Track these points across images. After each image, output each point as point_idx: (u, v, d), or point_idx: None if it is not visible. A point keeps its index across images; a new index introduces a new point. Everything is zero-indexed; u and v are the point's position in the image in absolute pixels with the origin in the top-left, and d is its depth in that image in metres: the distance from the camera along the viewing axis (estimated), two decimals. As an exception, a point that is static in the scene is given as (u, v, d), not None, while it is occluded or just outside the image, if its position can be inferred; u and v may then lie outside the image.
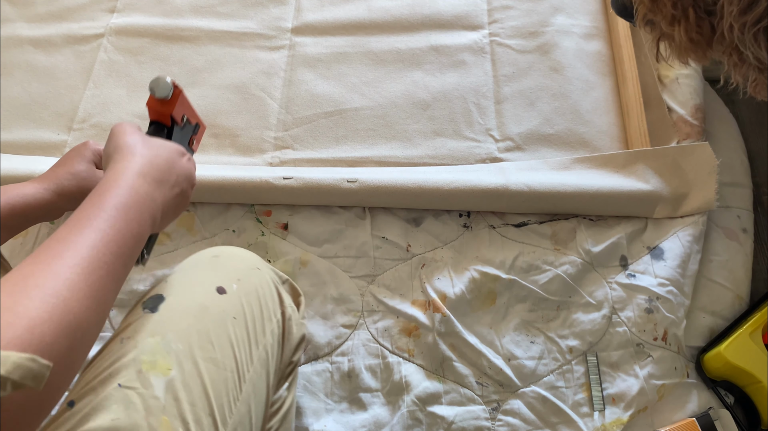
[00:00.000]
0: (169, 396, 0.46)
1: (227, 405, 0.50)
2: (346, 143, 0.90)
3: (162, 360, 0.48)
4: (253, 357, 0.54)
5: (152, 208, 0.48)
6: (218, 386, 0.50)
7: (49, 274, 0.38)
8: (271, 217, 0.84)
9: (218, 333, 0.52)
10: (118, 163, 0.49)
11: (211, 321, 0.52)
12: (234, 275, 0.57)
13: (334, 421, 0.74)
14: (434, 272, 0.80)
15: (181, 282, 0.55)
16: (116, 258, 0.42)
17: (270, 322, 0.58)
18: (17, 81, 0.97)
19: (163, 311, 0.51)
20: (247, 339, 0.54)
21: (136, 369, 0.47)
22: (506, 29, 0.99)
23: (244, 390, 0.53)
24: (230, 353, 0.52)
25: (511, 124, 0.91)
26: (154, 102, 0.59)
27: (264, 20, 1.01)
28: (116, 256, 0.42)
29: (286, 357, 0.62)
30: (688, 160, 0.83)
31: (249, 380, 0.54)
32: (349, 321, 0.79)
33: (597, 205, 0.82)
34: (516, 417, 0.73)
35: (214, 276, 0.56)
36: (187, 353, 0.49)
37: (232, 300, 0.55)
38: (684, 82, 0.88)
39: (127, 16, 1.03)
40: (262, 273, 0.60)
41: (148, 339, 0.49)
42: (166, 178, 0.51)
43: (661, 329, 0.77)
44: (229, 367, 0.51)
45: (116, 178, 0.47)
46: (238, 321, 0.54)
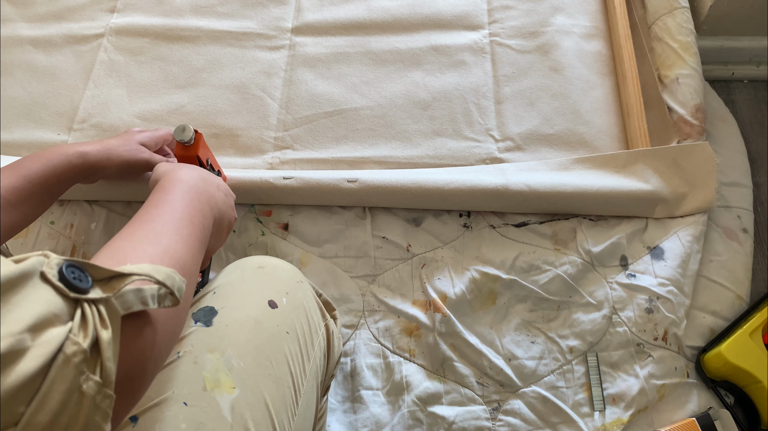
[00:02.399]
0: (235, 416, 0.47)
1: (287, 421, 0.51)
2: (346, 143, 0.90)
3: (225, 378, 0.48)
4: (306, 372, 0.55)
5: (207, 197, 0.56)
6: (278, 403, 0.51)
7: (150, 230, 0.45)
8: (272, 217, 0.84)
9: (274, 348, 0.52)
10: (167, 175, 0.56)
11: (266, 336, 0.53)
12: (282, 288, 0.58)
13: (336, 421, 0.74)
14: (434, 272, 0.80)
15: (230, 294, 0.55)
16: (190, 222, 0.50)
17: (317, 335, 0.59)
18: (17, 81, 0.97)
19: (217, 325, 0.52)
20: (299, 354, 0.55)
21: (200, 386, 0.47)
22: (506, 29, 0.99)
23: (300, 405, 0.54)
24: (286, 369, 0.52)
25: (511, 123, 0.91)
26: (181, 148, 0.68)
27: (264, 20, 1.01)
28: (190, 221, 0.50)
29: (331, 369, 0.63)
30: (688, 160, 0.83)
31: (303, 395, 0.54)
32: (350, 321, 0.79)
33: (597, 205, 0.82)
34: (516, 417, 0.74)
35: (263, 289, 0.57)
36: (247, 370, 0.50)
37: (284, 315, 0.55)
38: (684, 82, 0.88)
39: (127, 16, 1.02)
40: (304, 286, 0.61)
41: (208, 355, 0.49)
42: (208, 180, 0.59)
43: (662, 329, 0.77)
44: (287, 383, 0.52)
45: (171, 179, 0.55)
46: (290, 336, 0.54)
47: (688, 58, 0.89)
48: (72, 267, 0.33)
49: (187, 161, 0.69)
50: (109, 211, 0.85)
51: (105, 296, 0.33)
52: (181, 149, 0.68)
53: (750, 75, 1.08)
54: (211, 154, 0.75)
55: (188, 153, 0.68)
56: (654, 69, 0.92)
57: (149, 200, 0.51)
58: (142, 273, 0.36)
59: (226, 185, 0.65)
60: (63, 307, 0.31)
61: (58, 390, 0.29)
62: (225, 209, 0.60)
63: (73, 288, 0.32)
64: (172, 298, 0.38)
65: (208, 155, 0.74)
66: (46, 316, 0.30)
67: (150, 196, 0.52)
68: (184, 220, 0.49)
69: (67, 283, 0.31)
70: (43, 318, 0.30)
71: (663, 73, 0.91)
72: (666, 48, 0.91)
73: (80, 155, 0.64)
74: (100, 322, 0.32)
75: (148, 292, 0.36)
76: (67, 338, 0.30)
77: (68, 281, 0.31)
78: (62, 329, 0.30)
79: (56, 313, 0.30)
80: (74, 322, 0.31)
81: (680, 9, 0.93)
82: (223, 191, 0.62)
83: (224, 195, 0.62)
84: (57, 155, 0.63)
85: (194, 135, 0.68)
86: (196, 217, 0.51)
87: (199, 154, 0.69)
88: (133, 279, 0.35)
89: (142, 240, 0.43)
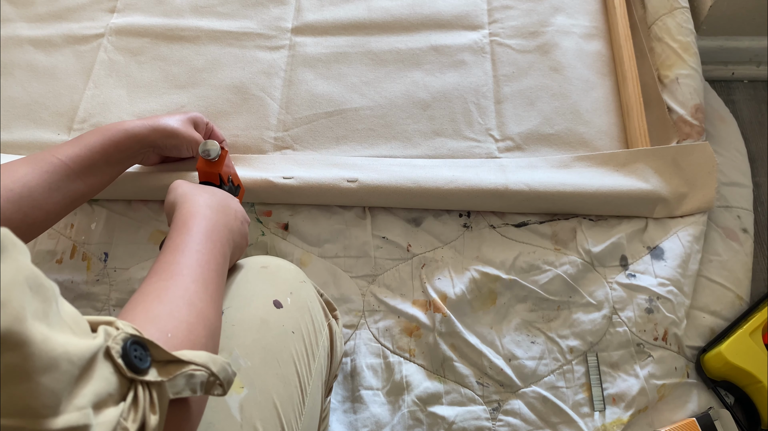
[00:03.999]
0: (244, 415, 0.47)
1: (294, 421, 0.51)
2: (346, 143, 0.90)
3: None
4: (312, 371, 0.55)
5: (227, 233, 0.56)
6: (286, 403, 0.51)
7: (178, 288, 0.44)
8: (272, 217, 0.84)
9: (280, 348, 0.53)
10: (186, 203, 0.56)
11: (272, 336, 0.53)
12: (286, 288, 0.58)
13: (336, 421, 0.74)
14: (434, 272, 0.80)
15: (234, 294, 0.56)
16: (216, 273, 0.49)
17: (321, 335, 0.59)
18: (17, 81, 0.96)
19: (223, 325, 0.52)
20: (305, 354, 0.55)
21: None
22: (506, 29, 0.99)
23: (307, 405, 0.54)
24: (293, 369, 0.53)
25: (511, 123, 0.91)
26: (204, 164, 0.68)
27: (264, 20, 1.01)
28: (215, 272, 0.49)
29: (334, 369, 0.64)
30: (687, 160, 0.83)
31: (309, 394, 0.55)
32: (350, 321, 0.79)
33: (597, 204, 0.82)
34: (516, 417, 0.74)
35: (267, 289, 0.57)
36: (255, 370, 0.50)
37: (289, 314, 0.55)
38: (684, 82, 0.88)
39: (127, 16, 1.02)
40: (308, 285, 0.61)
41: None
42: (227, 209, 0.59)
43: (662, 329, 0.77)
44: (293, 383, 0.52)
45: (191, 212, 0.54)
46: (296, 335, 0.55)
47: (688, 58, 0.89)
48: (136, 345, 0.33)
49: (209, 177, 0.70)
50: (110, 211, 0.85)
51: (160, 380, 0.33)
52: (205, 165, 0.69)
53: (750, 75, 1.08)
54: (233, 169, 0.76)
55: (211, 170, 0.69)
56: (654, 69, 0.92)
57: (172, 241, 0.50)
58: (200, 363, 0.36)
59: (242, 211, 0.64)
60: (118, 386, 0.31)
61: None
62: (239, 240, 0.60)
63: (132, 368, 0.31)
64: (221, 389, 0.38)
65: (230, 172, 0.74)
66: (104, 395, 0.30)
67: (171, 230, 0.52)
68: (210, 272, 0.48)
69: (127, 362, 0.31)
70: (103, 397, 0.29)
71: (663, 73, 0.91)
72: (666, 48, 0.91)
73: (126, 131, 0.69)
74: (150, 406, 0.32)
75: (198, 379, 0.36)
76: (118, 422, 0.30)
77: (129, 359, 0.31)
78: (116, 410, 0.30)
79: (111, 393, 0.30)
80: (126, 404, 0.31)
81: (680, 9, 0.93)
82: (240, 219, 0.62)
83: (240, 223, 0.61)
84: (112, 129, 0.68)
85: (219, 152, 0.68)
86: (219, 263, 0.51)
87: (221, 173, 0.70)
88: (190, 368, 0.35)
89: (177, 303, 0.43)
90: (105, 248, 0.83)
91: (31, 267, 0.28)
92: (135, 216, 0.85)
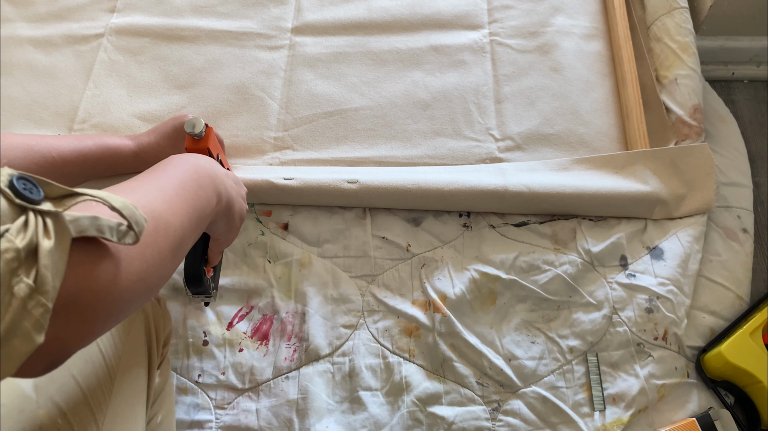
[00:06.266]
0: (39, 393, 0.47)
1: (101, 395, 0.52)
2: (346, 143, 0.90)
3: None
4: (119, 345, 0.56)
5: (213, 177, 0.55)
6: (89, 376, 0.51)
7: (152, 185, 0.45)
8: (272, 217, 0.84)
9: None
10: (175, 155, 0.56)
11: None
12: None
13: (335, 422, 0.74)
14: (434, 272, 0.80)
15: None
16: (183, 190, 0.49)
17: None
18: (17, 81, 0.96)
19: None
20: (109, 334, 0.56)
21: None
22: (506, 29, 0.99)
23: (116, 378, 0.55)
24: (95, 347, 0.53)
25: (511, 123, 0.91)
26: (191, 141, 0.69)
27: (264, 20, 1.01)
28: (183, 189, 0.49)
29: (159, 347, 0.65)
30: (686, 161, 0.83)
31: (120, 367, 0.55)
32: (349, 322, 0.79)
33: (596, 206, 0.82)
34: (516, 418, 0.73)
35: None
36: None
37: None
38: (683, 82, 0.88)
39: (127, 16, 1.02)
40: None
41: None
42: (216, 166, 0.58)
43: (662, 329, 0.77)
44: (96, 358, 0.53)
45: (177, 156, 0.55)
46: None
47: (687, 59, 0.89)
48: (24, 180, 0.32)
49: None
50: (109, 211, 0.85)
51: (54, 210, 0.33)
52: (192, 143, 0.69)
53: (750, 75, 1.08)
54: (221, 151, 0.76)
55: (199, 146, 0.69)
56: (652, 69, 0.92)
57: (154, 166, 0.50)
58: (96, 196, 0.36)
59: (236, 176, 0.65)
60: (8, 213, 0.30)
61: None
62: (234, 194, 0.59)
63: (20, 197, 0.31)
64: (132, 235, 0.37)
65: (219, 151, 0.74)
66: None
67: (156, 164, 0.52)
68: (173, 183, 0.48)
69: (15, 192, 0.31)
70: None
71: (661, 73, 0.91)
72: (665, 48, 0.91)
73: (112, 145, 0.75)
74: (44, 232, 0.32)
75: (105, 223, 0.35)
76: (2, 235, 0.29)
77: (17, 190, 0.31)
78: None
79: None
80: (14, 225, 0.30)
81: (679, 9, 0.93)
82: (232, 178, 0.61)
83: (233, 182, 0.61)
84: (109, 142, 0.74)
85: (205, 128, 0.69)
86: (189, 185, 0.50)
87: (210, 147, 0.70)
88: (86, 199, 0.35)
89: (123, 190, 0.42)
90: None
91: None
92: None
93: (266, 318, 0.79)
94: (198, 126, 0.68)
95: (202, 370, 0.76)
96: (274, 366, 0.76)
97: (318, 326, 0.78)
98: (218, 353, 0.77)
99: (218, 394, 0.75)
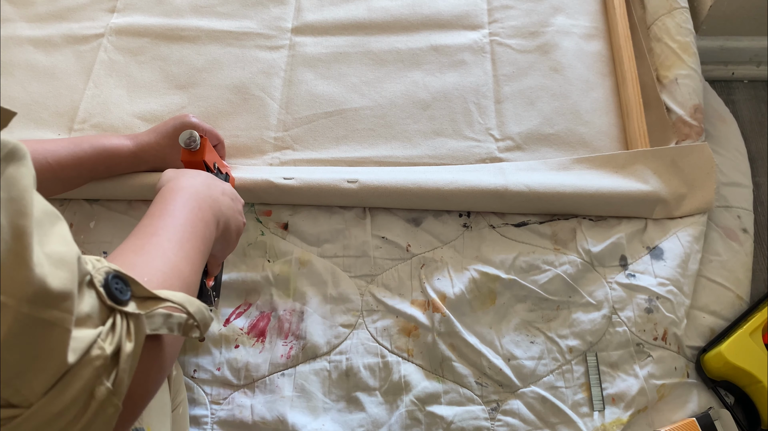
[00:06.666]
0: None
1: None
2: (346, 143, 0.90)
3: None
4: None
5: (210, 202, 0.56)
6: None
7: (153, 245, 0.46)
8: (271, 217, 0.84)
9: None
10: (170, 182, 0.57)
11: None
12: None
13: (331, 420, 0.74)
14: (434, 272, 0.80)
15: None
16: (195, 237, 0.51)
17: None
18: (17, 81, 0.97)
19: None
20: None
21: None
22: (506, 29, 0.99)
23: None
24: None
25: (511, 123, 0.91)
26: (187, 154, 0.70)
27: (264, 20, 1.01)
28: (194, 235, 0.51)
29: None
30: (686, 161, 0.83)
31: None
32: (348, 321, 0.79)
33: (596, 205, 0.82)
34: (515, 418, 0.73)
35: None
36: None
37: None
38: (683, 82, 0.88)
39: (127, 16, 1.03)
40: None
41: None
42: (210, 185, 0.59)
43: (661, 329, 0.77)
44: None
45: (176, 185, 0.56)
46: None
47: (687, 59, 0.89)
48: (117, 279, 0.35)
49: (193, 166, 0.71)
50: (109, 211, 0.85)
51: (138, 312, 0.35)
52: (188, 155, 0.70)
53: (750, 75, 1.08)
54: (218, 157, 0.77)
55: (195, 158, 0.70)
56: (653, 69, 0.92)
57: (151, 210, 0.52)
58: (176, 301, 0.38)
59: (232, 190, 0.65)
60: (98, 312, 0.33)
61: (74, 386, 0.30)
62: (230, 214, 0.61)
63: (112, 298, 0.33)
64: (197, 331, 0.40)
65: (215, 158, 0.75)
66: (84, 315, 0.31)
67: (152, 204, 0.53)
68: (186, 233, 0.50)
69: (108, 292, 0.33)
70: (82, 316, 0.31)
71: (662, 73, 0.91)
72: (665, 48, 0.91)
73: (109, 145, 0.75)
74: (126, 335, 0.34)
75: (176, 320, 0.38)
76: (95, 341, 0.31)
77: (110, 290, 0.33)
78: (93, 332, 0.32)
79: (91, 315, 0.32)
80: (104, 328, 0.32)
81: (679, 9, 0.93)
82: (228, 196, 0.62)
83: (230, 200, 0.62)
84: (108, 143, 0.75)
85: (199, 141, 0.70)
86: (197, 227, 0.52)
87: (205, 159, 0.71)
88: (167, 305, 0.37)
89: (153, 256, 0.45)
90: (104, 247, 0.83)
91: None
92: (135, 215, 0.85)
93: (263, 316, 0.79)
94: (193, 138, 0.69)
95: (197, 365, 0.76)
96: (269, 362, 0.76)
97: (316, 325, 0.78)
98: (214, 349, 0.77)
99: (213, 389, 0.75)
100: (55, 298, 0.29)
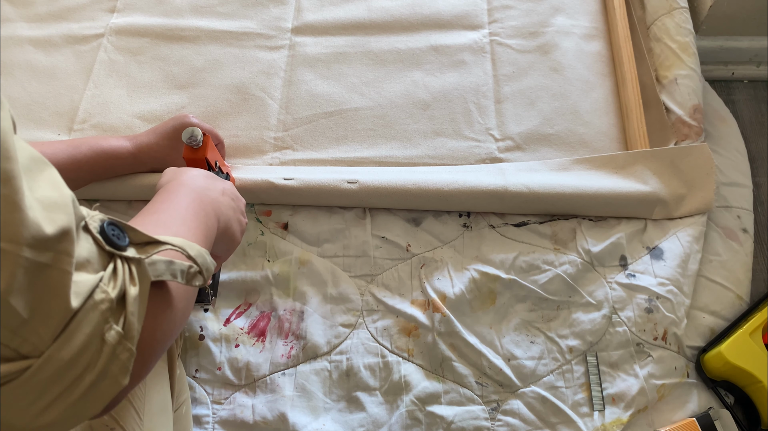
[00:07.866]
0: None
1: None
2: (346, 143, 0.90)
3: None
4: None
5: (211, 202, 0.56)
6: None
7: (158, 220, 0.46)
8: (271, 217, 0.84)
9: None
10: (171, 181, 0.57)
11: None
12: None
13: (332, 420, 0.74)
14: (434, 272, 0.80)
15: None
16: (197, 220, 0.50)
17: None
18: (17, 81, 0.97)
19: None
20: None
21: None
22: (506, 29, 0.99)
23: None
24: None
25: (511, 123, 0.91)
26: (189, 151, 0.70)
27: (264, 20, 1.01)
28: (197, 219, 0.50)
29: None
30: (686, 161, 0.83)
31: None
32: (348, 321, 0.79)
33: (596, 206, 0.82)
34: (515, 417, 0.73)
35: None
36: None
37: None
38: (682, 82, 0.88)
39: (127, 16, 1.03)
40: None
41: None
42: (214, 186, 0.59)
43: (661, 329, 0.77)
44: None
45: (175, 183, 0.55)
46: None
47: (687, 59, 0.89)
48: (113, 226, 0.35)
49: (196, 164, 0.71)
50: (109, 211, 0.85)
51: (138, 257, 0.35)
52: (190, 152, 0.70)
53: (750, 75, 1.08)
54: (219, 157, 0.77)
55: (196, 155, 0.70)
56: (652, 69, 0.92)
57: (153, 200, 0.52)
58: (176, 244, 0.38)
59: (233, 189, 0.64)
60: (97, 257, 0.33)
61: (83, 331, 0.30)
62: (230, 214, 0.60)
63: (110, 243, 0.33)
64: (200, 277, 0.40)
65: (217, 157, 0.75)
66: (83, 259, 0.31)
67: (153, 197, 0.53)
68: (188, 214, 0.50)
69: (105, 238, 0.33)
70: (81, 260, 0.31)
71: (661, 73, 0.91)
72: (665, 48, 0.91)
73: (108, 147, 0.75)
74: (129, 279, 0.34)
75: (178, 267, 0.38)
76: (98, 286, 0.31)
77: (107, 236, 0.33)
78: (94, 276, 0.32)
79: (90, 260, 0.32)
80: (106, 273, 0.32)
81: (679, 9, 0.93)
82: (229, 196, 0.62)
83: (230, 200, 0.61)
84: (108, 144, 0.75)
85: (202, 138, 0.70)
86: (199, 214, 0.52)
87: (208, 157, 0.71)
88: (167, 248, 0.37)
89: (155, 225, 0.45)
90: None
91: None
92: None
93: (264, 315, 0.79)
94: (196, 135, 0.69)
95: (199, 365, 0.76)
96: (270, 362, 0.76)
97: (316, 324, 0.78)
98: (214, 348, 0.77)
99: (215, 389, 0.75)
100: (53, 240, 0.28)
